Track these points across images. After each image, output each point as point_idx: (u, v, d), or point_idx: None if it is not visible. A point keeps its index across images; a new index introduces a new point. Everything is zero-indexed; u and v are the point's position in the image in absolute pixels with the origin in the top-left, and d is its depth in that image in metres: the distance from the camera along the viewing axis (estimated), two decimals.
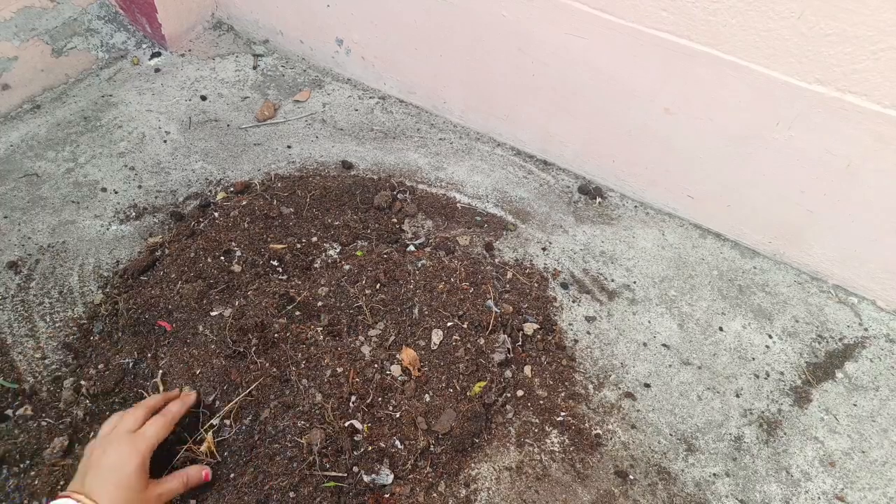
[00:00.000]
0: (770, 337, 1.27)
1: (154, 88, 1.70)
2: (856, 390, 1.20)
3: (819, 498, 1.05)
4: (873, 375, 1.23)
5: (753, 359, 1.23)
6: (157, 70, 1.75)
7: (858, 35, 1.03)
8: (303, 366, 1.08)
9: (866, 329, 1.30)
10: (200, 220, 1.35)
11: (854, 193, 1.22)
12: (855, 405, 1.18)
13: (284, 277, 1.24)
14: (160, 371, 1.09)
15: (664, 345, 1.25)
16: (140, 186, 1.45)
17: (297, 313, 1.16)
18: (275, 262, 1.26)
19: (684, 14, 1.16)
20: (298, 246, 1.30)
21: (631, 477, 1.05)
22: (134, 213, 1.39)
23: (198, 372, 1.07)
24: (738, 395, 1.18)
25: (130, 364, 1.11)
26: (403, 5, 1.50)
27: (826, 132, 1.16)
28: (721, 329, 1.28)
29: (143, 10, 1.74)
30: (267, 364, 1.08)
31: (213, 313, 1.16)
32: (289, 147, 1.57)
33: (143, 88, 1.69)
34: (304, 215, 1.36)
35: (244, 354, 1.09)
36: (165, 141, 1.56)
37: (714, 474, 1.07)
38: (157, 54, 1.80)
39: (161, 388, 1.06)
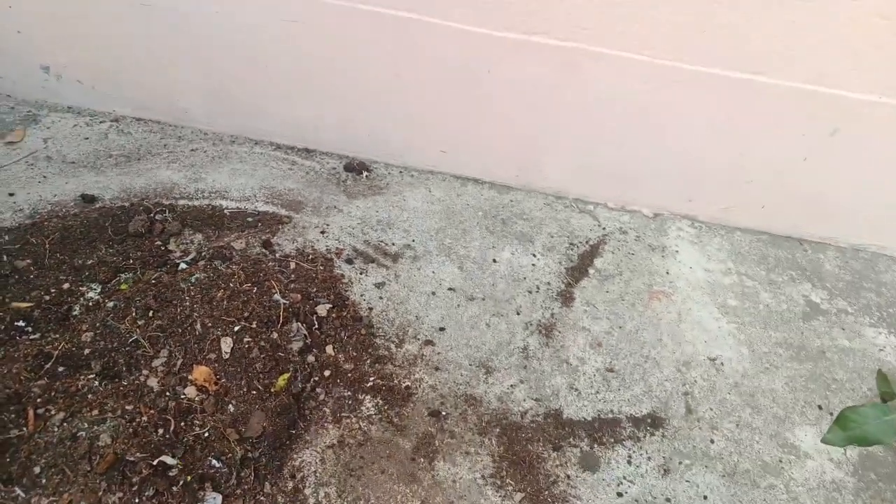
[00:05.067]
0: (534, 256, 1.45)
1: None
2: (605, 280, 1.43)
3: (595, 374, 1.24)
4: (616, 263, 1.47)
5: (525, 278, 1.40)
6: None
7: None
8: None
9: (604, 228, 1.55)
10: None
11: (562, 116, 1.42)
12: (607, 292, 1.41)
13: (36, 336, 1.11)
14: None
15: (450, 288, 1.35)
16: None
17: (61, 368, 1.05)
18: (21, 323, 1.11)
19: None
20: (47, 298, 1.16)
21: (443, 413, 1.14)
22: None
23: None
24: (518, 313, 1.33)
25: None
26: (108, 16, 1.39)
27: (524, 66, 1.34)
28: (495, 261, 1.43)
29: None
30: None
31: None
32: (11, 195, 1.38)
33: None
34: (47, 263, 1.22)
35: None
36: None
37: (511, 385, 1.20)
38: None
39: None
